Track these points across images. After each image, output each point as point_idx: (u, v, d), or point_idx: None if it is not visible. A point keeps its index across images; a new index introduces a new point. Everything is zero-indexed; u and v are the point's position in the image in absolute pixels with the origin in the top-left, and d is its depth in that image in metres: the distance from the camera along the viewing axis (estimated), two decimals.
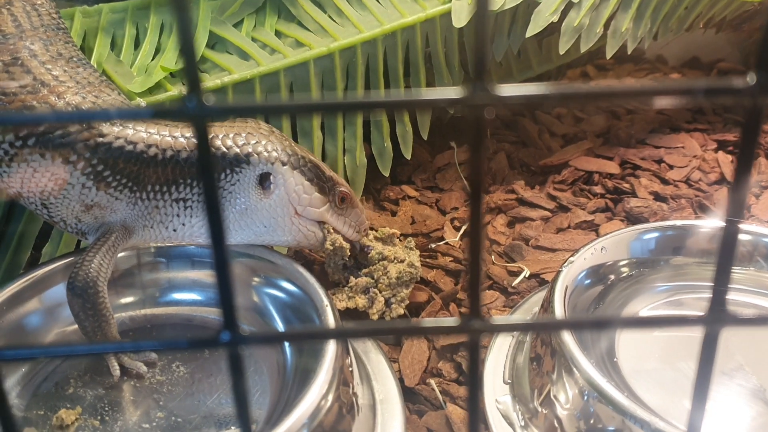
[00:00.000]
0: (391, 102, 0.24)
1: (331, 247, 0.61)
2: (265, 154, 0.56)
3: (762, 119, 0.23)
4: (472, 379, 0.25)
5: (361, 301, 0.62)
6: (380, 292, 0.62)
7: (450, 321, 0.24)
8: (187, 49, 0.21)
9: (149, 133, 0.55)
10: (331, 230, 0.61)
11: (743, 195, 0.24)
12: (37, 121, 0.21)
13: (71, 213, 0.56)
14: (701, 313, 0.25)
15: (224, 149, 0.55)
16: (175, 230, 0.57)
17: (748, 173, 0.24)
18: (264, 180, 0.56)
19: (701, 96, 0.22)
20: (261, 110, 0.23)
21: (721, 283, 0.26)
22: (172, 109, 0.23)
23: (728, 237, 0.25)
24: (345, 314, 0.63)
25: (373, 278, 0.63)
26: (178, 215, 0.57)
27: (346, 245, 0.62)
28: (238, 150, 0.55)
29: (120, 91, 0.60)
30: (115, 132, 0.54)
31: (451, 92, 0.21)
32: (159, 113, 0.24)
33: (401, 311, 0.63)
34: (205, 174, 0.22)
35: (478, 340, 0.24)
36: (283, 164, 0.56)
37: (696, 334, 0.25)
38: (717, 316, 0.26)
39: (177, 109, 0.22)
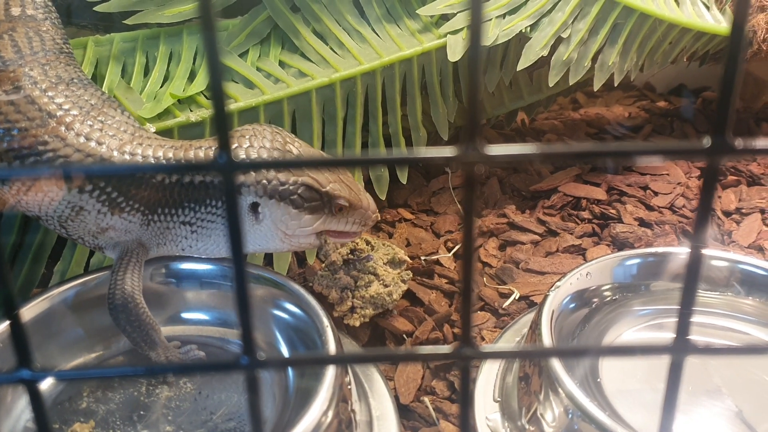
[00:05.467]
0: (394, 159, 0.27)
1: (324, 259, 0.66)
2: (255, 185, 0.57)
3: (717, 175, 0.26)
4: (464, 401, 0.28)
5: (334, 295, 0.67)
6: (352, 298, 0.67)
7: (444, 348, 0.27)
8: (219, 111, 0.24)
9: (156, 158, 0.57)
10: (328, 239, 0.62)
11: (703, 239, 0.27)
12: (84, 173, 0.25)
13: (88, 233, 0.59)
14: (667, 344, 0.28)
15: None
16: (183, 249, 0.61)
17: (708, 220, 0.27)
18: (254, 207, 0.58)
19: (666, 156, 0.26)
20: (281, 165, 0.26)
21: (684, 316, 0.29)
22: (203, 163, 0.26)
23: (690, 277, 0.28)
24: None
25: (355, 283, 0.68)
26: (185, 237, 0.60)
27: (339, 259, 0.67)
28: None
29: (124, 109, 0.62)
30: (126, 160, 0.57)
31: (447, 151, 0.25)
32: (193, 167, 0.27)
33: (357, 324, 0.67)
34: (232, 221, 0.25)
35: (469, 366, 0.28)
36: (270, 197, 0.57)
37: None
38: (682, 345, 0.29)
39: (209, 164, 0.25)
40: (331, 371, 0.51)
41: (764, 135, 1.11)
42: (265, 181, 0.57)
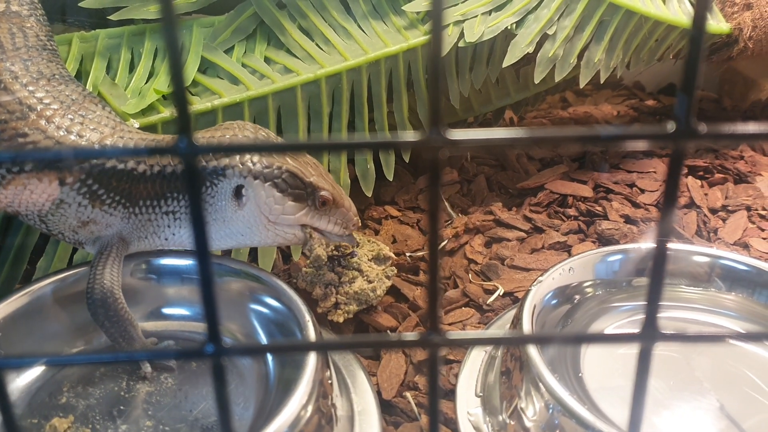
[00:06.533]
0: (359, 144, 0.27)
1: (309, 254, 0.64)
2: (240, 167, 0.57)
3: (682, 160, 0.26)
4: (432, 388, 0.28)
5: (318, 291, 0.66)
6: (336, 294, 0.66)
7: (411, 335, 0.27)
8: (179, 94, 0.24)
9: None
10: (313, 234, 0.62)
11: (669, 224, 0.28)
12: (48, 158, 0.25)
13: (68, 227, 0.59)
14: (636, 331, 0.28)
15: (204, 162, 0.58)
16: (166, 239, 0.61)
17: (673, 205, 0.27)
18: (238, 192, 0.58)
19: (632, 141, 0.26)
20: (246, 149, 0.26)
21: (652, 304, 0.29)
22: (166, 147, 0.26)
23: (658, 263, 0.28)
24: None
25: (339, 279, 0.67)
26: (168, 226, 0.60)
27: (324, 254, 0.66)
28: (216, 162, 0.57)
29: (105, 104, 0.62)
30: None
31: (411, 136, 0.25)
32: (154, 151, 0.27)
33: (341, 320, 0.66)
34: (194, 205, 0.25)
35: (437, 353, 0.27)
36: (255, 178, 0.57)
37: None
38: (650, 333, 0.29)
39: (170, 147, 0.25)
40: (311, 365, 0.51)
41: None
42: (250, 164, 0.58)
